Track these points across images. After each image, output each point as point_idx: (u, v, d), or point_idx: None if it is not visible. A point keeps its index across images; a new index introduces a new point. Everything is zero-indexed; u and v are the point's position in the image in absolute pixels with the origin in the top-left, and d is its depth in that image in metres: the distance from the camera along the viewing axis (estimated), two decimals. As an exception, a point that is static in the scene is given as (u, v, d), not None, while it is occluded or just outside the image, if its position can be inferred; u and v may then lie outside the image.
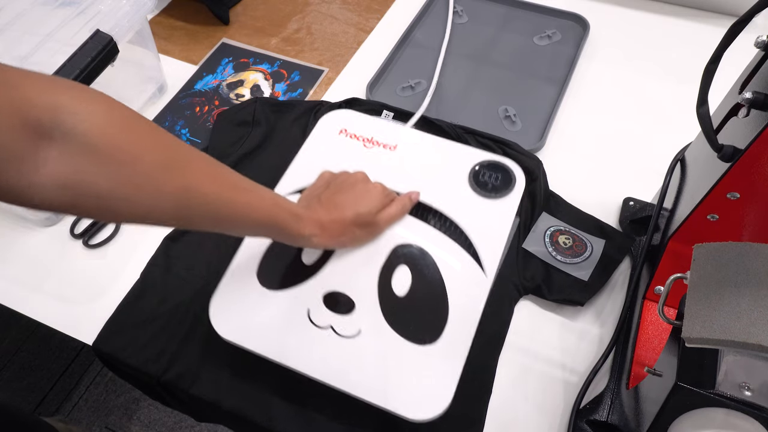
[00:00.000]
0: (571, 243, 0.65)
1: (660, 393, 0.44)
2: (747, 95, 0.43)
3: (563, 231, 0.67)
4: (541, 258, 0.65)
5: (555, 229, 0.67)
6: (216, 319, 0.57)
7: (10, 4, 0.71)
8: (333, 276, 0.59)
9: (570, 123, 0.79)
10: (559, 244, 0.65)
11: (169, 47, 0.92)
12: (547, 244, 0.65)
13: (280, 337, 0.56)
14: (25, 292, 0.67)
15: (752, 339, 0.36)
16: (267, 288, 0.59)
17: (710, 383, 0.41)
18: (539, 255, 0.65)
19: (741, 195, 0.48)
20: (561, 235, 0.66)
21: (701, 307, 0.40)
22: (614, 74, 0.84)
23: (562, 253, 0.65)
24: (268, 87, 0.86)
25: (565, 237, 0.66)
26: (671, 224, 0.58)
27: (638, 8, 0.92)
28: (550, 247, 0.65)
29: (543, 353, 0.61)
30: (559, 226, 0.67)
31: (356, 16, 0.95)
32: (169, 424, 1.31)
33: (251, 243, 0.62)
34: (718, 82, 0.46)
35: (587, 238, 0.66)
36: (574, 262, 0.64)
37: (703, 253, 0.43)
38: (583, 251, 0.65)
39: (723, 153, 0.46)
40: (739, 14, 0.43)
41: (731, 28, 0.43)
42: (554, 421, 0.57)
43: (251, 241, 0.62)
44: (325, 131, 0.72)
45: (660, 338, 0.59)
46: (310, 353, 0.55)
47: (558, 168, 0.73)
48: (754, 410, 0.40)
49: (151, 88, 0.84)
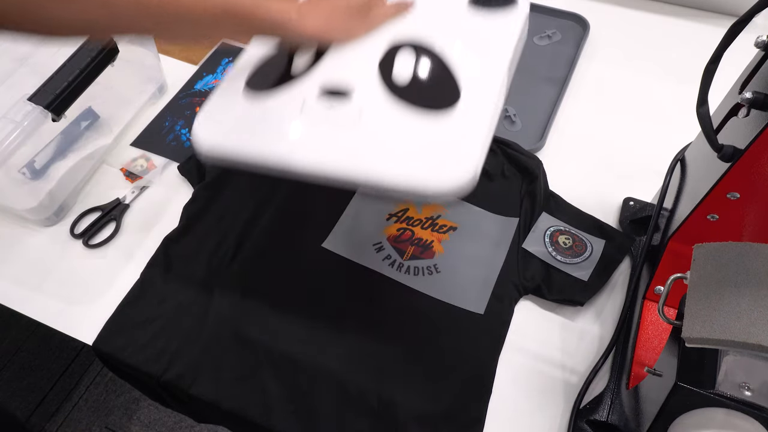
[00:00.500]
0: (571, 243, 0.65)
1: (660, 393, 0.44)
2: (747, 95, 0.43)
3: (563, 231, 0.67)
4: (541, 258, 0.65)
5: (555, 229, 0.67)
6: (199, 136, 0.50)
7: (10, 4, 0.71)
8: (327, 69, 0.52)
9: (570, 123, 0.79)
10: (559, 244, 0.65)
11: (169, 47, 0.92)
12: (547, 244, 0.65)
13: (270, 139, 0.49)
14: (25, 292, 0.67)
15: (752, 339, 0.36)
16: (256, 91, 0.52)
17: (710, 383, 0.41)
18: (539, 255, 0.65)
19: (741, 195, 0.48)
20: (561, 235, 0.66)
21: (701, 307, 0.40)
22: (614, 74, 0.84)
23: (562, 253, 0.65)
24: (268, 87, 0.86)
25: (565, 237, 0.66)
26: (671, 224, 0.58)
27: (638, 8, 0.92)
28: (550, 247, 0.65)
29: (543, 353, 0.61)
30: (559, 226, 0.67)
31: (356, 16, 0.95)
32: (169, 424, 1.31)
33: (241, 62, 0.56)
34: (718, 82, 0.46)
35: (587, 238, 0.66)
36: (574, 262, 0.64)
37: (703, 253, 0.43)
38: (583, 251, 0.65)
39: (723, 153, 0.46)
40: (739, 14, 0.43)
41: (731, 28, 0.43)
42: (554, 421, 0.57)
43: (241, 60, 0.56)
44: None
45: (660, 338, 0.59)
46: (306, 149, 0.48)
47: (558, 168, 0.73)
48: (754, 410, 0.40)
49: (151, 88, 0.84)
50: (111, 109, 0.79)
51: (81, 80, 0.65)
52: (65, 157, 0.74)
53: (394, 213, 0.68)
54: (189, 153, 0.78)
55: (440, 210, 0.68)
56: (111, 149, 0.79)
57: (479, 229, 0.67)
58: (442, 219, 0.67)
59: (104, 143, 0.78)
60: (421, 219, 0.68)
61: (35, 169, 0.71)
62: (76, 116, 0.75)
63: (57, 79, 0.63)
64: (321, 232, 0.67)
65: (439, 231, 0.67)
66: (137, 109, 0.82)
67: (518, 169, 0.71)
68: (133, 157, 0.78)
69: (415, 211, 0.69)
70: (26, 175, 0.70)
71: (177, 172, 0.76)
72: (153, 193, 0.75)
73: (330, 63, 0.52)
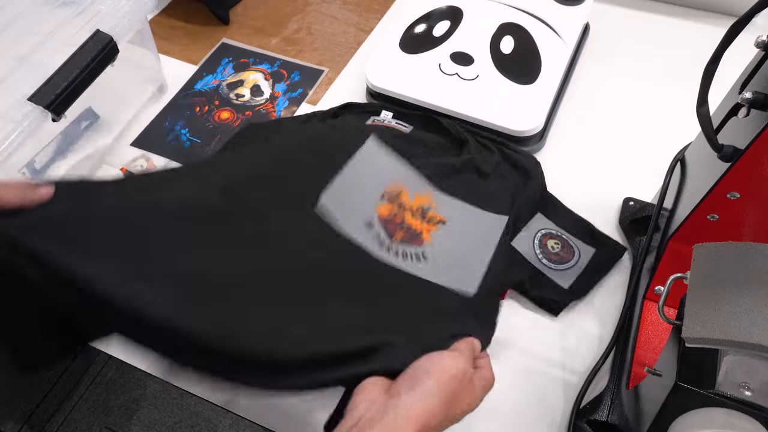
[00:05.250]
0: (559, 249, 0.65)
1: (660, 393, 0.44)
2: (747, 95, 0.43)
3: (554, 235, 0.67)
4: (527, 259, 0.65)
5: (546, 233, 0.67)
6: (371, 76, 0.78)
7: (10, 4, 0.71)
8: (457, 42, 0.78)
9: (570, 123, 0.79)
10: (548, 248, 0.65)
11: (169, 47, 0.92)
12: (535, 245, 0.66)
13: (420, 85, 0.76)
14: (25, 292, 0.67)
15: (752, 339, 0.36)
16: (407, 53, 0.79)
17: (710, 383, 0.41)
18: (526, 256, 0.65)
19: (741, 195, 0.48)
20: (551, 239, 0.66)
21: (701, 307, 0.40)
22: (614, 74, 0.84)
23: (549, 257, 0.65)
24: (268, 87, 0.86)
25: (555, 241, 0.66)
26: (671, 224, 0.58)
27: (638, 8, 0.92)
28: (538, 250, 0.65)
29: (543, 353, 0.61)
30: (551, 229, 0.67)
31: (356, 16, 0.95)
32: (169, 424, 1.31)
33: (394, 18, 0.86)
34: (718, 82, 0.46)
35: (577, 245, 0.66)
36: (558, 268, 0.64)
37: (703, 253, 0.43)
38: (570, 258, 0.65)
39: (723, 153, 0.46)
40: (739, 14, 0.43)
41: (731, 28, 0.43)
42: (554, 421, 0.57)
43: (393, 17, 0.89)
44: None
45: (660, 338, 0.59)
46: (443, 93, 0.75)
47: (558, 168, 0.73)
48: (754, 410, 0.40)
49: (151, 88, 0.84)
50: (111, 109, 0.79)
51: (81, 80, 0.65)
52: (65, 157, 0.74)
53: (388, 193, 0.64)
54: (189, 153, 0.78)
55: (431, 203, 0.67)
56: (111, 149, 0.79)
57: (468, 224, 0.66)
58: (431, 212, 0.66)
59: (104, 143, 0.78)
60: (412, 207, 0.66)
61: (35, 169, 0.71)
62: (76, 116, 0.75)
63: (57, 79, 0.63)
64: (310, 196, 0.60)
65: (429, 222, 0.66)
66: (137, 109, 0.82)
67: (514, 168, 0.71)
68: (133, 157, 0.78)
69: (407, 196, 0.66)
70: (26, 175, 0.70)
71: (177, 172, 0.76)
72: (153, 193, 0.75)
73: (458, 36, 0.79)
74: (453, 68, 0.76)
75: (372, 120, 0.76)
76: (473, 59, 0.76)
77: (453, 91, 0.75)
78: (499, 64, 0.76)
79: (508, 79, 0.75)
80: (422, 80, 0.76)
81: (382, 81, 0.77)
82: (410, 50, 0.79)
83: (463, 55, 0.77)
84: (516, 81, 0.75)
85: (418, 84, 0.76)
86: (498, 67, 0.76)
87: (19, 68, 0.66)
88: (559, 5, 0.82)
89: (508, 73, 0.75)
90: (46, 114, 0.62)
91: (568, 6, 0.82)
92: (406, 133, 0.73)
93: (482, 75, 0.75)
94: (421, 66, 0.77)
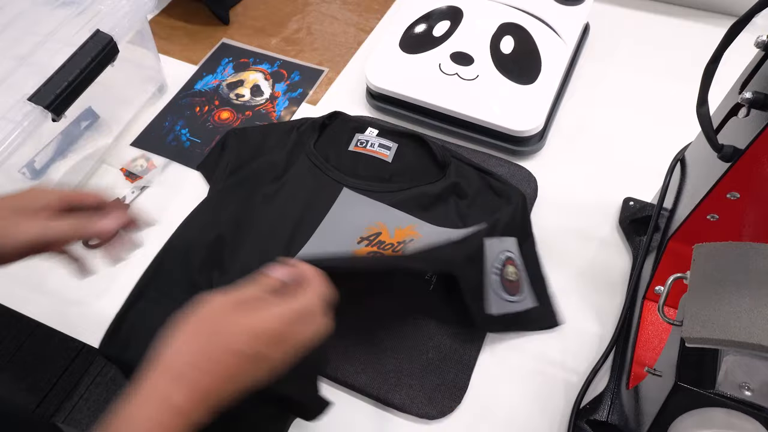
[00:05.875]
0: (514, 279, 0.62)
1: (660, 393, 0.44)
2: (747, 95, 0.43)
3: (517, 266, 0.63)
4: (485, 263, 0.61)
5: (513, 258, 0.63)
6: (371, 76, 0.78)
7: (10, 4, 0.71)
8: (457, 42, 0.78)
9: (570, 123, 0.79)
10: (506, 270, 0.61)
11: (169, 47, 0.92)
12: (499, 261, 0.62)
13: (420, 85, 0.76)
14: (25, 292, 0.67)
15: (752, 339, 0.36)
16: (407, 53, 0.79)
17: (710, 383, 0.41)
18: (486, 260, 0.61)
19: (741, 195, 0.48)
20: (512, 266, 0.63)
21: (701, 307, 0.40)
22: (614, 74, 0.84)
23: (501, 279, 0.61)
24: (268, 87, 0.86)
25: (514, 271, 0.62)
26: (671, 224, 0.58)
27: (638, 8, 0.92)
28: (498, 264, 0.61)
29: (543, 353, 0.61)
30: (517, 259, 0.64)
31: (356, 16, 0.95)
32: (169, 424, 1.31)
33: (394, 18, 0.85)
34: (718, 82, 0.46)
35: (526, 290, 0.63)
36: (498, 293, 0.60)
37: (703, 253, 0.43)
38: (514, 294, 0.61)
39: (723, 153, 0.46)
40: (739, 14, 0.43)
41: (731, 28, 0.43)
42: (554, 421, 0.57)
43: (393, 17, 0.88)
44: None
45: (660, 338, 0.59)
46: (443, 93, 0.75)
47: (558, 168, 0.73)
48: (754, 410, 0.40)
49: (151, 88, 0.84)
50: (111, 109, 0.79)
51: (81, 80, 0.65)
52: (65, 157, 0.74)
53: (366, 237, 0.65)
54: (189, 153, 0.78)
55: (413, 234, 0.65)
56: (111, 149, 0.79)
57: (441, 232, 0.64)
58: (413, 243, 0.63)
59: (104, 143, 0.78)
60: (393, 243, 0.64)
61: (35, 169, 0.71)
62: (76, 116, 0.75)
63: (57, 79, 0.63)
64: (291, 250, 0.65)
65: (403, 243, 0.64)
66: (137, 109, 0.83)
67: (497, 196, 0.69)
68: (133, 157, 0.78)
69: (387, 235, 0.65)
70: (26, 175, 0.70)
71: (177, 172, 0.76)
72: (153, 193, 0.75)
73: (458, 36, 0.78)
74: (453, 68, 0.76)
75: (356, 142, 0.74)
76: (473, 59, 0.76)
77: (453, 91, 0.75)
78: (499, 64, 0.76)
79: (508, 79, 0.75)
80: (422, 80, 0.76)
81: (382, 81, 0.77)
82: (410, 50, 0.79)
83: (463, 55, 0.76)
84: (516, 81, 0.74)
85: (418, 84, 0.76)
86: (498, 67, 0.75)
87: (19, 68, 0.66)
88: (559, 5, 0.82)
89: (508, 73, 0.75)
90: (46, 114, 0.62)
91: (568, 6, 0.82)
92: (388, 163, 0.72)
93: (482, 75, 0.75)
94: (421, 66, 0.77)
